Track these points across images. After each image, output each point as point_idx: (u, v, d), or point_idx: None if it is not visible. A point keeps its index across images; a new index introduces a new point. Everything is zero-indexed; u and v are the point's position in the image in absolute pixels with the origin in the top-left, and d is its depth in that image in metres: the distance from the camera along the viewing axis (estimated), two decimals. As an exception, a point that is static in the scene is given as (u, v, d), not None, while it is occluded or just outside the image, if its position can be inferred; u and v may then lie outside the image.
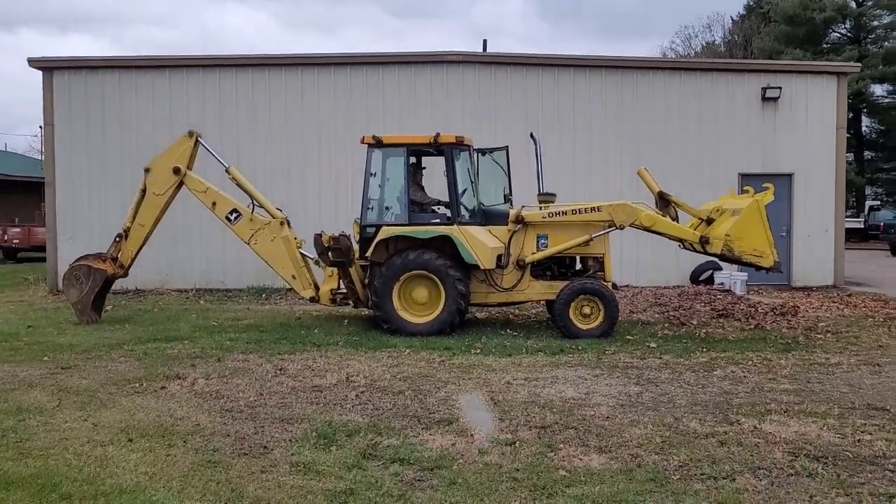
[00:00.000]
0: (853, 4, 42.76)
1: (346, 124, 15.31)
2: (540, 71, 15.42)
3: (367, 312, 11.69)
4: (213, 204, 11.03)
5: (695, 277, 14.95)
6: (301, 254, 11.00)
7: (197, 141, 11.16)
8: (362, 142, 10.50)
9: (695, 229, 10.34)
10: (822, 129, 15.33)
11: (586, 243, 10.29)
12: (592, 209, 10.30)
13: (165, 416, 6.06)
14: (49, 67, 15.30)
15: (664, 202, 10.57)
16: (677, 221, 10.56)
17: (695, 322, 11.15)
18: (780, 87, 15.11)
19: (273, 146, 15.35)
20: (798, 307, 12.16)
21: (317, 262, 11.06)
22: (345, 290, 10.81)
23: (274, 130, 15.40)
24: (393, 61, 15.51)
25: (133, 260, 11.28)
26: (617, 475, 4.77)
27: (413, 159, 10.79)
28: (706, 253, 10.21)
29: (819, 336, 9.90)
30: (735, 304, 12.48)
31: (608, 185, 15.14)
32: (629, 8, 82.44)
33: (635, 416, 6.07)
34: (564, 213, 10.37)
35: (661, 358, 8.49)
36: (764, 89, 15.17)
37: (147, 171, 11.12)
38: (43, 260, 18.10)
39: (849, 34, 44.06)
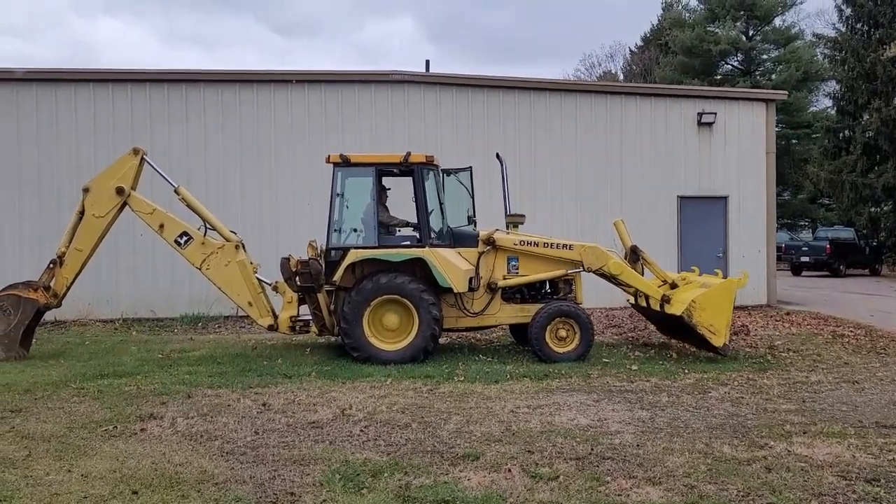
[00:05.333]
0: (744, 38, 45.40)
1: (288, 143, 14.75)
2: (485, 92, 15.36)
3: (323, 339, 11.16)
4: (161, 226, 10.24)
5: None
6: (258, 279, 10.36)
7: (142, 159, 10.36)
8: (328, 161, 10.03)
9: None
10: (753, 153, 15.96)
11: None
12: (564, 246, 10.23)
13: (163, 463, 5.40)
14: (-45, 78, 13.98)
15: (635, 256, 10.57)
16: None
17: (656, 342, 11.21)
18: (715, 113, 15.65)
19: (209, 167, 14.55)
20: (747, 326, 12.46)
21: (274, 288, 10.46)
22: (305, 318, 10.25)
23: (206, 150, 14.63)
24: (335, 80, 15.07)
25: (68, 289, 10.30)
26: (684, 508, 4.56)
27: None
28: (662, 312, 10.11)
29: (783, 354, 10.12)
30: (687, 324, 12.66)
31: (552, 206, 15.20)
32: (523, 34, 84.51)
33: (664, 442, 5.91)
34: (536, 244, 10.23)
35: (649, 380, 8.42)
36: (700, 114, 15.67)
37: (86, 191, 10.20)
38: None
39: (740, 66, 46.69)
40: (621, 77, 57.10)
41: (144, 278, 14.34)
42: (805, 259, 29.64)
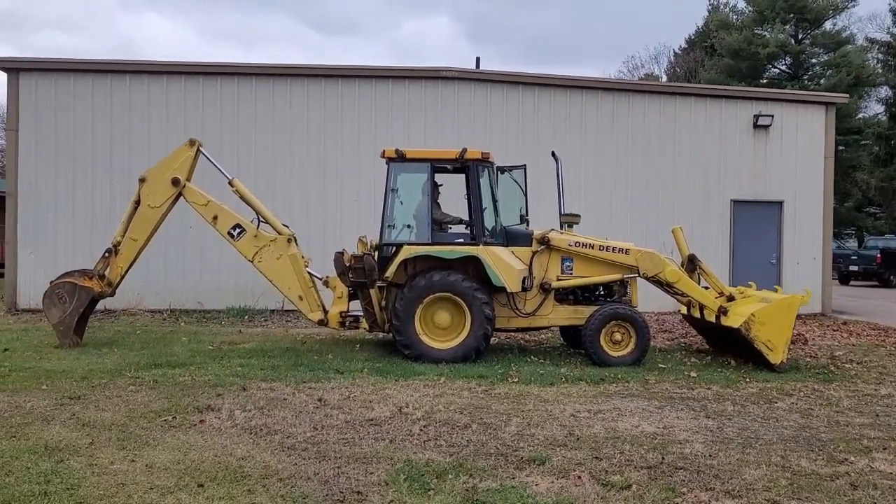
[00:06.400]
0: (793, 41, 44.38)
1: (337, 138, 14.73)
2: (536, 91, 15.16)
3: (371, 336, 11.09)
4: (215, 218, 10.25)
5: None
6: (309, 273, 10.30)
7: (198, 150, 10.38)
8: (383, 156, 9.93)
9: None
10: (811, 157, 15.53)
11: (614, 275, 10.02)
12: (621, 250, 10.00)
13: (225, 456, 5.33)
14: (15, 68, 14.18)
15: (692, 265, 10.26)
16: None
17: (710, 349, 10.92)
18: (772, 115, 15.25)
19: (259, 160, 14.57)
20: (804, 335, 12.09)
21: (325, 283, 10.40)
22: (355, 314, 10.17)
23: (246, 144, 14.67)
24: (387, 75, 14.99)
25: (122, 278, 10.36)
26: (770, 524, 4.34)
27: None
28: (717, 324, 9.77)
29: (846, 365, 9.78)
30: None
31: (601, 208, 14.93)
32: (562, 34, 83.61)
33: (737, 454, 5.68)
34: (591, 246, 10.01)
35: (709, 388, 8.17)
36: (756, 116, 15.29)
37: (142, 181, 10.26)
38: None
39: (788, 70, 45.65)
40: (664, 79, 56.28)
41: (192, 270, 14.42)
42: (854, 268, 28.91)
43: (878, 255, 28.23)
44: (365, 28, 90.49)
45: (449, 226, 10.28)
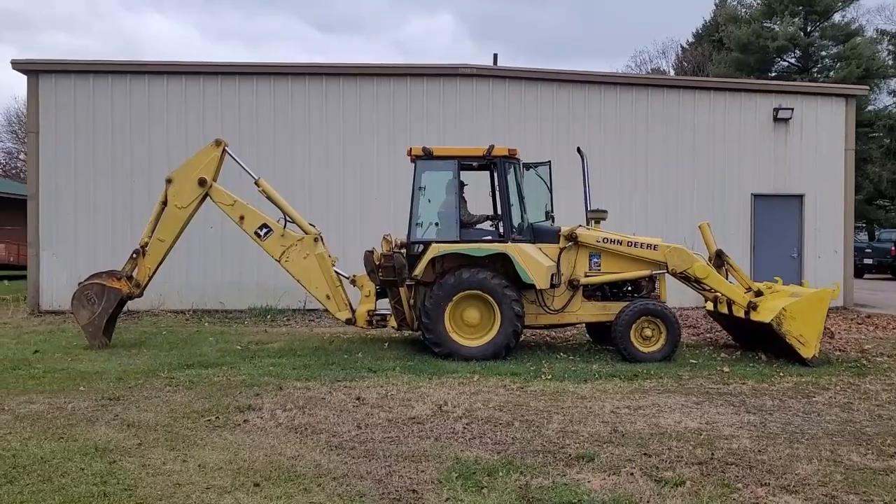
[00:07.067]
0: (802, 34, 44.15)
1: (356, 136, 14.72)
2: (554, 87, 15.12)
3: (397, 334, 11.09)
4: (241, 218, 10.26)
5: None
6: (335, 272, 10.30)
7: (224, 150, 10.38)
8: (409, 154, 9.91)
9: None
10: (831, 150, 15.46)
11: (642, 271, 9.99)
12: (649, 246, 9.96)
13: (275, 455, 5.34)
14: (34, 70, 14.21)
15: (719, 261, 10.22)
16: None
17: (738, 344, 10.88)
18: (792, 108, 15.18)
19: (278, 159, 14.56)
20: (830, 329, 12.03)
21: (352, 282, 10.40)
22: (382, 312, 10.17)
23: (270, 141, 14.66)
24: (404, 73, 14.97)
25: (150, 279, 10.37)
26: (831, 519, 4.32)
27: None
28: (746, 320, 9.75)
29: (878, 359, 9.74)
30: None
31: (621, 203, 14.85)
32: (566, 31, 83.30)
33: (785, 448, 5.65)
34: (620, 242, 9.98)
35: (745, 383, 8.14)
36: (776, 110, 15.23)
37: (169, 181, 10.27)
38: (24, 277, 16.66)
39: (797, 64, 45.42)
40: (672, 74, 56.09)
41: (213, 270, 14.44)
42: (868, 261, 28.79)
43: (893, 248, 28.13)
44: (367, 27, 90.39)
45: (477, 223, 10.28)
